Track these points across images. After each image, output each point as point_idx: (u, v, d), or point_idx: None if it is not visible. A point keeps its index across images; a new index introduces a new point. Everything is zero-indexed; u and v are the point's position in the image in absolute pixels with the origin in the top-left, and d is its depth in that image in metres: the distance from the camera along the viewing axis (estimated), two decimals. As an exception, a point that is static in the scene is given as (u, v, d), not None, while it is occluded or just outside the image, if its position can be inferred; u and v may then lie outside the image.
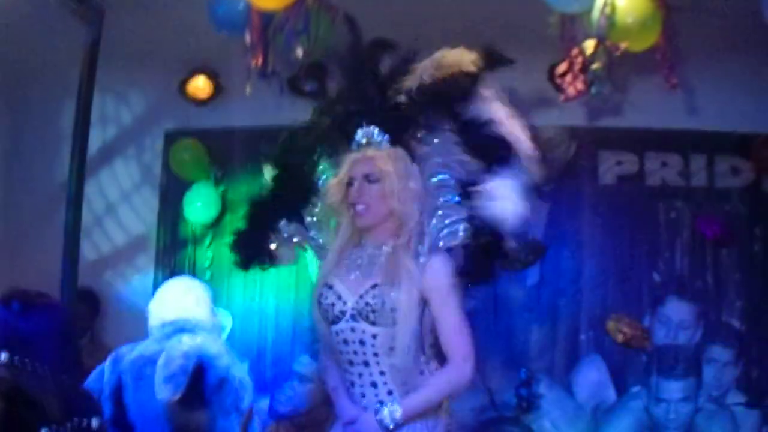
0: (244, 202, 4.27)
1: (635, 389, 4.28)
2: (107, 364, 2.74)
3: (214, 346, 2.75)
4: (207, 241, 4.41)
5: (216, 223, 4.42)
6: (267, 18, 3.71)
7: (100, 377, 2.72)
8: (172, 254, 4.49)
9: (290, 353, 4.25)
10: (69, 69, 3.85)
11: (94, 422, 1.73)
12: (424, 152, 2.46)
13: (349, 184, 2.43)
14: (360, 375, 2.36)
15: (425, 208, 2.42)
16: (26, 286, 1.88)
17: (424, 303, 2.34)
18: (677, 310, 4.19)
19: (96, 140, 4.38)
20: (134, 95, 4.71)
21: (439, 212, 2.41)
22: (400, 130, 2.48)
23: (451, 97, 2.42)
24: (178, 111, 4.59)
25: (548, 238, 4.20)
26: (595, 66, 3.62)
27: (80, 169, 3.68)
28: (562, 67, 3.71)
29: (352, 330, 2.34)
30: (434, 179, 2.44)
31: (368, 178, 2.41)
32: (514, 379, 4.16)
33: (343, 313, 2.36)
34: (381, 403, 2.31)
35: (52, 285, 3.42)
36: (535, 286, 4.27)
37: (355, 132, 2.50)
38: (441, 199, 2.42)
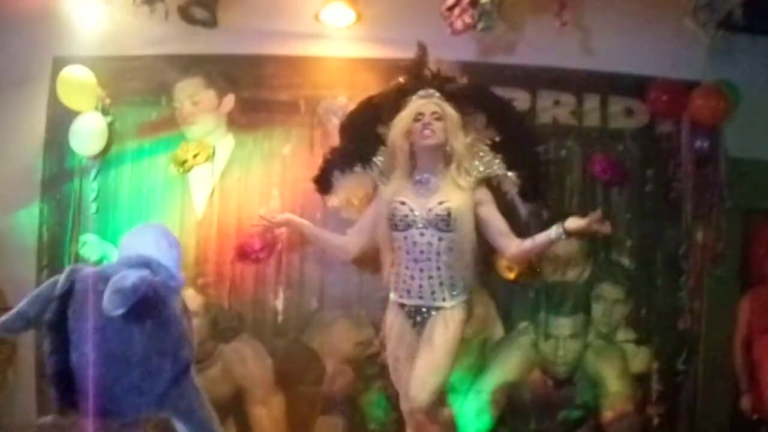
0: (132, 135, 4.32)
1: (523, 325, 4.35)
2: (64, 272, 2.66)
3: (172, 288, 2.75)
4: (93, 173, 4.28)
5: (103, 155, 4.28)
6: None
7: (54, 284, 2.63)
8: (58, 186, 4.34)
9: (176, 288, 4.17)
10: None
11: None
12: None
13: (416, 120, 3.23)
14: (421, 270, 3.22)
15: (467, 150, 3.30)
16: None
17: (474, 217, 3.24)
18: (565, 247, 4.23)
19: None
20: (22, 21, 4.51)
21: (479, 153, 3.33)
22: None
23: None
24: (67, 37, 4.40)
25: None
26: (483, 0, 3.59)
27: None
28: (450, 1, 3.68)
29: (422, 235, 3.20)
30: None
31: (435, 115, 3.24)
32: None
33: (414, 222, 3.20)
34: (433, 293, 3.23)
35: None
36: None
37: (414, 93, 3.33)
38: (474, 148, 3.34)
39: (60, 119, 4.35)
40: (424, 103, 3.27)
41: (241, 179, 4.29)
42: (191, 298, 4.07)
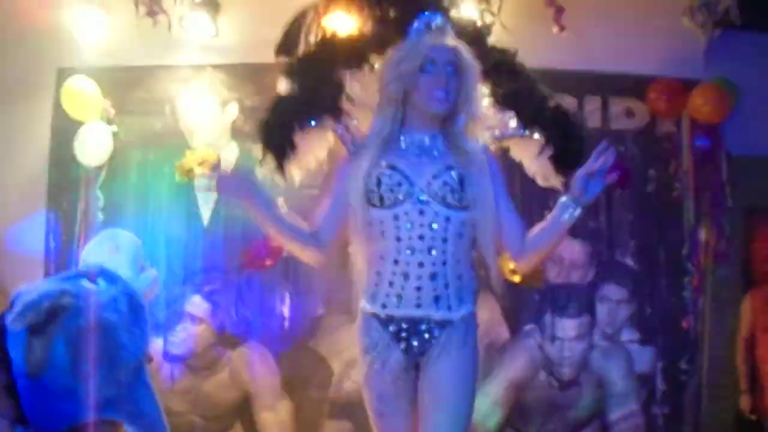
0: (137, 144, 4.36)
1: (528, 327, 4.37)
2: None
3: (99, 295, 2.75)
4: (99, 183, 4.32)
5: (108, 164, 4.32)
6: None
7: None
8: (64, 195, 4.37)
9: (182, 294, 4.23)
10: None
11: None
12: None
13: (423, 69, 2.28)
14: (420, 264, 2.25)
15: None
16: None
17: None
18: (570, 250, 4.26)
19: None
20: (27, 32, 4.55)
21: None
22: None
23: None
24: (71, 49, 4.45)
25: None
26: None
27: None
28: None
29: (421, 213, 2.27)
30: None
31: (451, 66, 2.30)
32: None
33: (409, 194, 2.27)
34: (437, 298, 2.27)
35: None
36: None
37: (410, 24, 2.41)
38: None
39: (65, 129, 4.38)
40: (438, 45, 2.33)
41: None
42: (198, 305, 4.11)
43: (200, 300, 4.08)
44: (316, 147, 2.61)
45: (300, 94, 2.58)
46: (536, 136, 2.62)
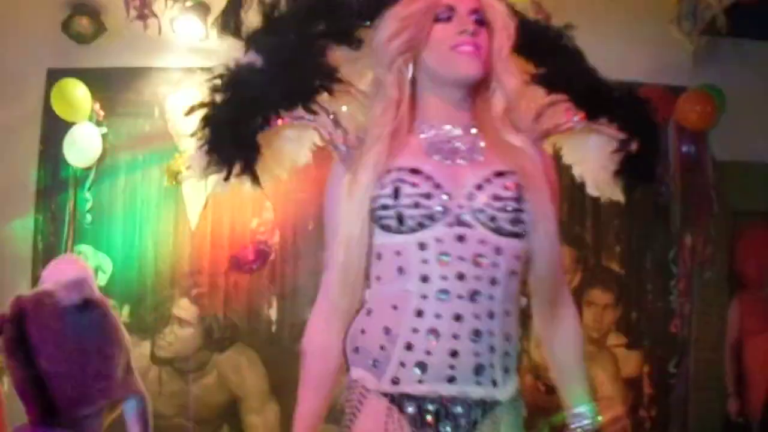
0: (126, 146, 4.35)
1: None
2: None
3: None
4: (87, 184, 4.32)
5: (97, 166, 4.32)
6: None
7: None
8: (53, 197, 4.36)
9: (170, 297, 4.23)
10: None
11: None
12: None
13: (439, 18, 1.61)
14: (458, 317, 1.52)
15: None
16: None
17: None
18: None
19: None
20: (16, 33, 4.54)
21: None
22: None
23: None
24: (61, 50, 4.44)
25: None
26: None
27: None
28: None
29: (460, 240, 1.53)
30: None
31: (475, 15, 1.61)
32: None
33: (445, 211, 1.53)
34: (479, 368, 1.54)
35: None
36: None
37: None
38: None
39: (54, 130, 4.37)
40: None
41: (234, 191, 4.27)
42: (186, 308, 4.11)
43: (188, 303, 4.08)
44: (292, 149, 1.80)
45: (266, 74, 1.70)
46: (607, 129, 1.78)
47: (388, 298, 1.58)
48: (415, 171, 1.56)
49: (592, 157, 1.86)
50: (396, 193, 1.55)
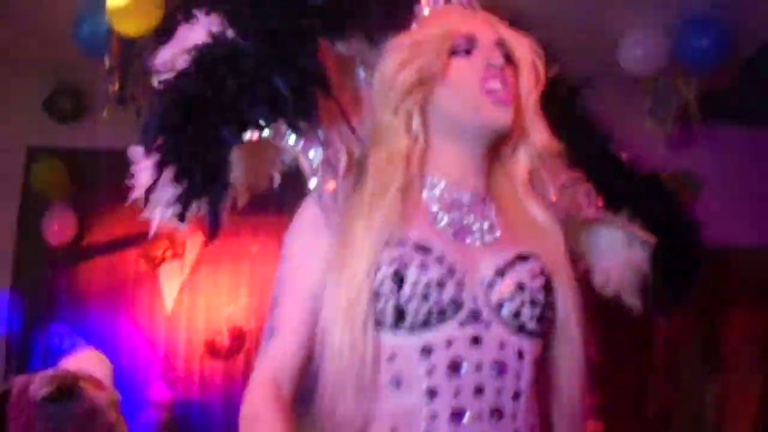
0: (103, 227, 4.34)
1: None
2: None
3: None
4: (65, 263, 4.31)
5: (74, 245, 4.32)
6: (128, 43, 3.65)
7: None
8: (29, 275, 4.35)
9: (144, 380, 4.17)
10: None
11: None
12: None
13: (457, 51, 1.29)
14: None
15: None
16: None
17: None
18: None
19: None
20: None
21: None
22: None
23: None
24: (42, 128, 4.47)
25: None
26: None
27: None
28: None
29: (476, 342, 1.20)
30: None
31: (500, 51, 1.30)
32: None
33: (458, 304, 1.20)
34: None
35: None
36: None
37: None
38: None
39: (33, 207, 4.37)
40: (475, 20, 1.36)
41: (210, 276, 4.31)
42: (160, 391, 4.08)
43: (163, 387, 4.04)
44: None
45: (253, 62, 1.26)
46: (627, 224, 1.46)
47: (386, 419, 1.21)
48: (422, 248, 1.19)
49: (609, 253, 1.50)
50: (397, 279, 1.17)
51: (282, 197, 1.40)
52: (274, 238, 4.30)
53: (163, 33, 1.41)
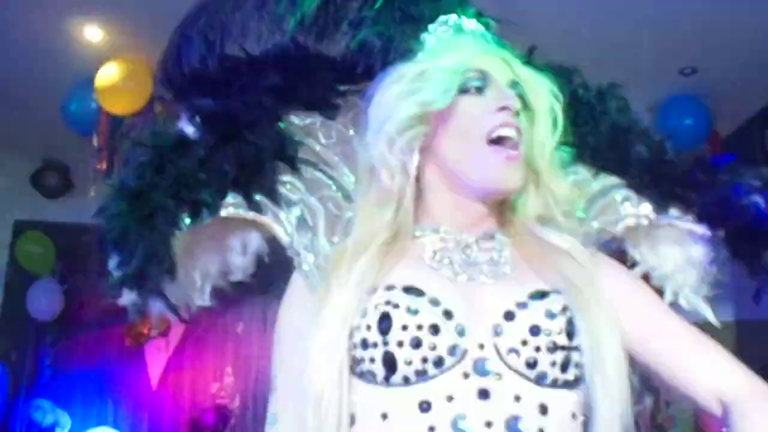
0: (89, 302, 4.34)
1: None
2: None
3: None
4: (50, 339, 4.30)
5: (59, 321, 4.31)
6: (116, 121, 3.71)
7: None
8: (13, 349, 4.33)
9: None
10: None
11: None
12: None
13: (463, 89, 1.12)
14: None
15: None
16: None
17: None
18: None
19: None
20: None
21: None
22: None
23: None
24: (29, 203, 4.51)
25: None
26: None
27: None
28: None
29: (484, 397, 1.00)
30: None
31: (516, 90, 1.14)
32: None
33: (460, 353, 1.02)
34: None
35: None
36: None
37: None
38: None
39: (18, 282, 4.38)
40: (488, 53, 1.17)
41: (195, 355, 4.32)
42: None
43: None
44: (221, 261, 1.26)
45: (201, 149, 1.19)
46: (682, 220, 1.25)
47: None
48: (412, 290, 1.05)
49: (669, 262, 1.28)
50: (384, 324, 1.02)
51: (266, 275, 1.28)
52: (258, 317, 4.34)
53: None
